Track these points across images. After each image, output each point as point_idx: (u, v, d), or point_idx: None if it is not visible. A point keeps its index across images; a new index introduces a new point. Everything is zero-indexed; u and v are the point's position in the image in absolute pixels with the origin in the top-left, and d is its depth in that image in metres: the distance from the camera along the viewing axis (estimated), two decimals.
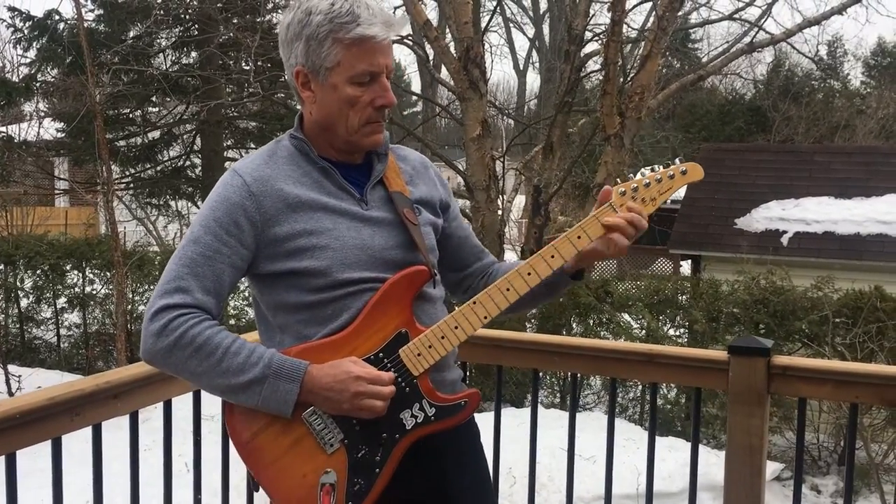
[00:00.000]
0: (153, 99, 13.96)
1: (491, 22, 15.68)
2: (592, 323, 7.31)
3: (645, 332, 7.00)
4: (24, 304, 9.42)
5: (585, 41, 9.72)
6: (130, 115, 14.26)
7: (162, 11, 12.03)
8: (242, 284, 8.18)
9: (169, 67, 13.88)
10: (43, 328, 9.49)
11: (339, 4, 1.53)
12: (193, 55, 14.32)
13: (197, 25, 13.23)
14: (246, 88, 12.59)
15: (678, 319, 7.32)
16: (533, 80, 44.94)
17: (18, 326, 9.43)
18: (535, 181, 9.41)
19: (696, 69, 12.25)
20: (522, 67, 29.22)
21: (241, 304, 8.59)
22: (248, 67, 11.61)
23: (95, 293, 9.18)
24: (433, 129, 21.28)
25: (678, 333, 7.30)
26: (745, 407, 2.21)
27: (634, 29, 13.72)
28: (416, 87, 25.51)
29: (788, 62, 23.18)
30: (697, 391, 2.44)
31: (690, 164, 1.71)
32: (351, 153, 1.67)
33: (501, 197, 10.05)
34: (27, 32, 14.40)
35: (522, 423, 2.57)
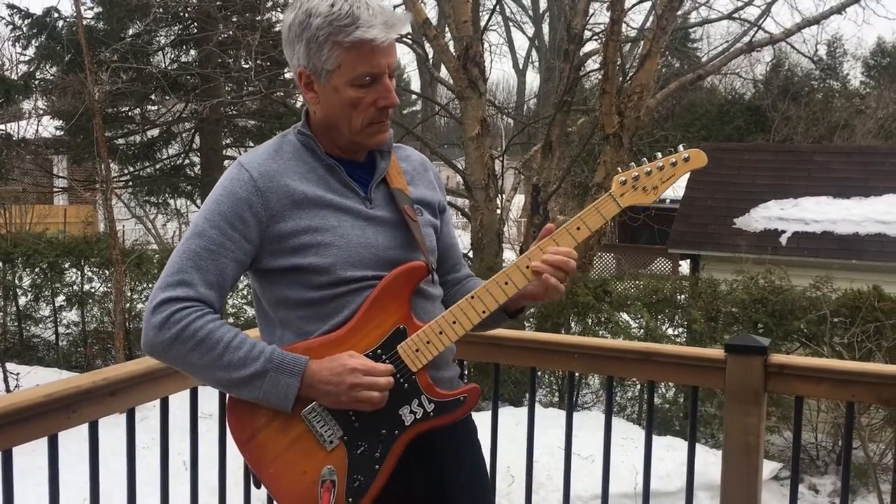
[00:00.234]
0: (152, 97, 13.93)
1: (490, 21, 15.65)
2: (591, 322, 7.31)
3: (643, 331, 7.00)
4: (22, 302, 9.42)
5: (585, 40, 9.74)
6: (129, 113, 14.23)
7: (161, 9, 12.02)
8: (242, 282, 8.19)
9: (168, 65, 13.87)
10: (41, 326, 9.48)
11: (338, 6, 1.52)
12: (192, 53, 14.30)
13: (196, 23, 13.21)
14: (245, 87, 12.57)
15: (677, 319, 7.32)
16: (532, 79, 44.94)
17: (17, 324, 9.42)
18: (534, 180, 9.42)
19: (695, 69, 12.25)
20: (522, 66, 29.24)
21: (240, 302, 8.58)
22: (247, 66, 11.63)
23: (94, 291, 9.18)
24: (432, 128, 21.25)
25: (677, 333, 7.30)
26: (741, 405, 2.21)
27: (634, 28, 13.75)
28: (415, 85, 25.50)
29: (788, 62, 23.16)
30: (694, 390, 2.44)
31: (693, 150, 1.67)
32: (355, 152, 1.67)
33: (500, 196, 10.05)
34: (26, 30, 14.37)
35: (521, 422, 2.57)
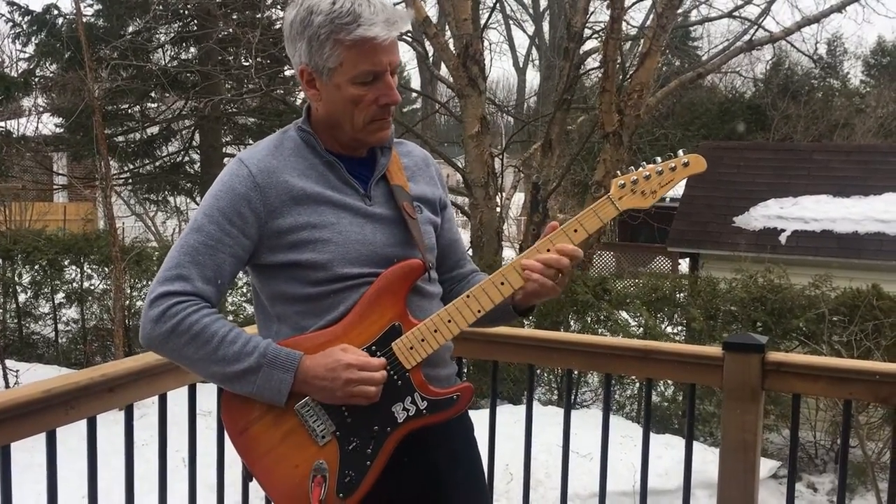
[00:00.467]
0: (152, 94, 13.92)
1: (490, 19, 15.67)
2: (590, 320, 7.31)
3: (643, 329, 7.00)
4: (21, 299, 9.43)
5: (585, 38, 9.74)
6: (129, 110, 14.22)
7: (161, 6, 12.00)
8: (241, 280, 8.20)
9: (168, 63, 13.86)
10: (41, 323, 9.48)
11: (339, 3, 1.51)
12: (192, 51, 14.28)
13: (196, 21, 13.18)
14: (245, 84, 12.55)
15: (676, 317, 7.32)
16: (533, 77, 44.91)
17: (16, 321, 9.43)
18: (533, 178, 9.42)
19: (695, 67, 12.25)
20: (522, 65, 29.22)
21: (239, 299, 8.59)
22: (247, 63, 11.61)
23: (93, 288, 9.18)
24: (432, 126, 21.26)
25: (676, 331, 7.30)
26: (739, 403, 2.21)
27: (634, 26, 13.75)
28: (415, 83, 25.49)
29: (788, 61, 23.16)
30: (692, 387, 2.44)
31: (693, 155, 1.65)
32: (356, 148, 1.67)
33: (500, 194, 10.06)
34: (26, 27, 14.35)
35: (519, 419, 2.57)
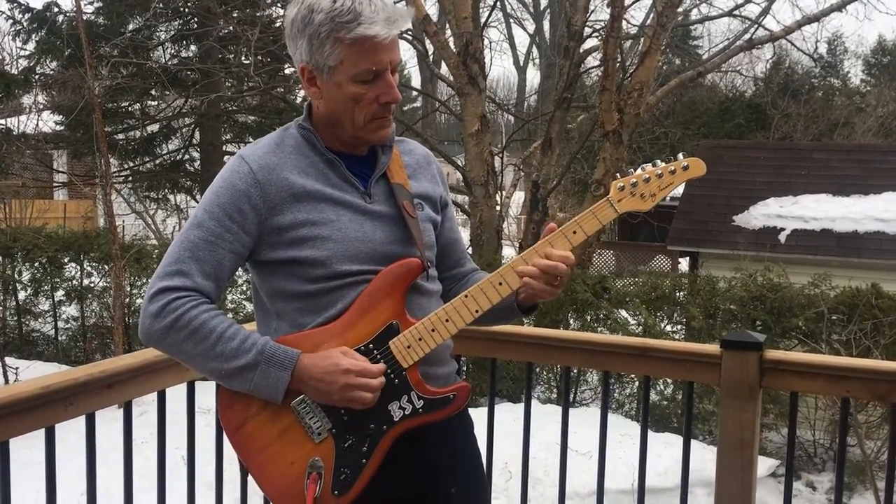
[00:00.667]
0: (152, 92, 13.91)
1: (491, 17, 15.67)
2: (590, 319, 7.31)
3: (642, 328, 7.01)
4: (21, 296, 9.43)
5: (585, 37, 9.73)
6: (129, 108, 14.20)
7: (161, 4, 12.00)
8: (241, 278, 8.20)
9: (168, 61, 13.84)
10: (41, 321, 9.48)
11: (340, 2, 1.51)
12: (193, 48, 14.27)
13: (196, 19, 13.18)
14: (245, 82, 12.55)
15: (675, 316, 7.32)
16: (533, 75, 44.90)
17: (16, 319, 9.43)
18: (533, 177, 9.41)
19: (695, 66, 12.25)
20: (522, 63, 29.21)
21: (238, 297, 8.59)
22: (247, 61, 11.59)
23: (93, 286, 9.18)
24: (433, 124, 21.25)
25: (675, 330, 7.30)
26: (737, 401, 2.21)
27: (634, 25, 13.73)
28: (415, 82, 25.50)
29: (788, 59, 23.16)
30: (690, 385, 2.45)
31: (692, 159, 1.65)
32: (357, 146, 1.67)
33: (500, 192, 10.06)
34: (26, 25, 14.34)
35: (519, 417, 2.58)
